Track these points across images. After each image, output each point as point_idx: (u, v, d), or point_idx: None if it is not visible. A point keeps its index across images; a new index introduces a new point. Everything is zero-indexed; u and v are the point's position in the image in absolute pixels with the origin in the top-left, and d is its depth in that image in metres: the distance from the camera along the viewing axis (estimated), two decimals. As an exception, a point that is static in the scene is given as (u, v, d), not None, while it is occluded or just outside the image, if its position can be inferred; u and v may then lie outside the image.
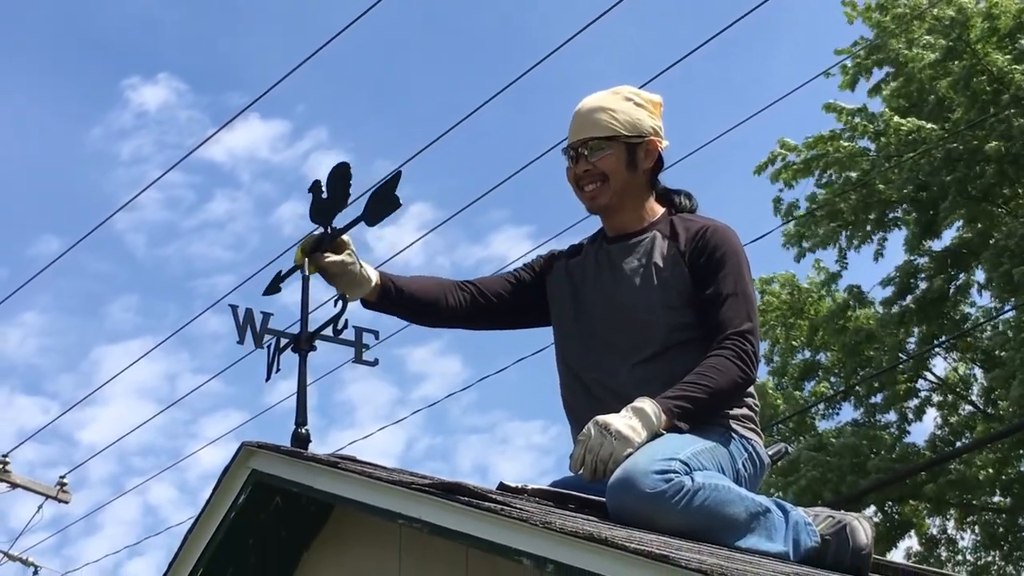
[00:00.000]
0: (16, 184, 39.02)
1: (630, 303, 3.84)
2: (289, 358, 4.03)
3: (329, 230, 3.95)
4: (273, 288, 4.16)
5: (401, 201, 3.89)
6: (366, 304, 4.02)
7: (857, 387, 18.84)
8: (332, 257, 3.90)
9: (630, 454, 3.41)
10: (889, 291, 18.57)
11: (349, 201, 4.00)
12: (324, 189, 4.02)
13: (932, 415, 19.65)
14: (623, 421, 3.49)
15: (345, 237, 3.94)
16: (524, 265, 4.18)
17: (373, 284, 3.96)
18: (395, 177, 3.95)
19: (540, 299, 4.08)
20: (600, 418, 3.52)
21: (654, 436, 3.49)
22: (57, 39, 38.68)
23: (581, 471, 3.50)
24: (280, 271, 4.15)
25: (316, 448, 3.79)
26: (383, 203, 3.92)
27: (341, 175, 4.00)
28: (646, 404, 3.53)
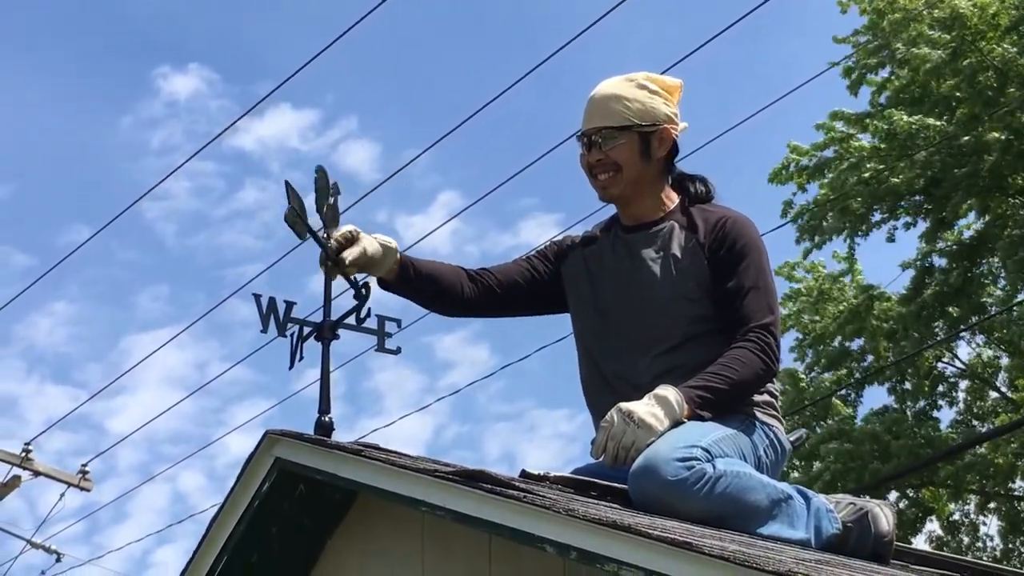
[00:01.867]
0: (47, 174, 39.23)
1: (650, 294, 3.83)
2: (313, 346, 4.05)
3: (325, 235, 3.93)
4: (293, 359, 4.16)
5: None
6: (383, 284, 3.97)
7: (885, 371, 18.79)
8: (353, 252, 3.86)
9: (652, 442, 3.42)
10: (907, 279, 18.56)
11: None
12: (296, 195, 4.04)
13: (959, 400, 19.64)
14: (646, 409, 3.49)
15: (349, 226, 3.91)
16: (537, 253, 4.16)
17: (395, 259, 3.91)
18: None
19: (555, 287, 4.06)
20: (623, 405, 3.52)
21: (676, 424, 3.50)
22: (88, 29, 38.85)
23: (603, 457, 3.51)
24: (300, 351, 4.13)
25: (344, 436, 3.81)
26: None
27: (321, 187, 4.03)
28: (669, 392, 3.53)
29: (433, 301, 4.12)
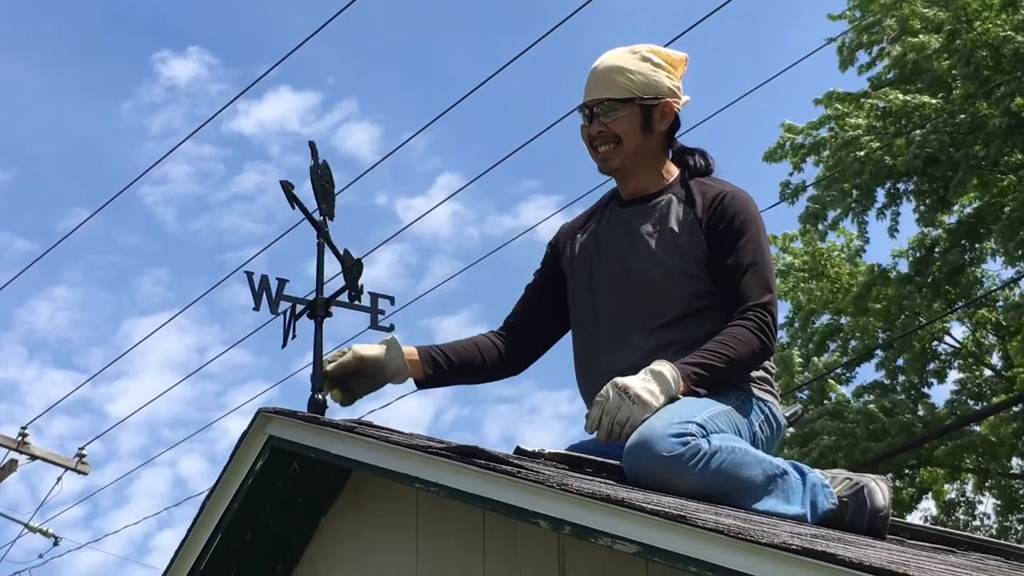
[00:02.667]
0: (48, 159, 39.24)
1: (647, 269, 3.81)
2: (307, 325, 4.03)
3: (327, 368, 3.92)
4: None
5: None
6: (421, 385, 3.97)
7: (878, 351, 18.84)
8: (337, 362, 3.85)
9: (647, 418, 3.40)
10: (904, 262, 18.58)
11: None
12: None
13: (953, 379, 19.69)
14: (641, 384, 3.47)
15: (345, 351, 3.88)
16: (539, 266, 4.16)
17: (415, 363, 3.91)
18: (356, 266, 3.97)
19: (565, 287, 4.06)
20: (618, 380, 3.50)
21: (671, 400, 3.48)
22: (88, 14, 38.83)
23: (597, 432, 3.49)
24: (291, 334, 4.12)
25: (342, 417, 3.80)
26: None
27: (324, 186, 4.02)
28: (664, 368, 3.52)
29: (478, 378, 4.12)
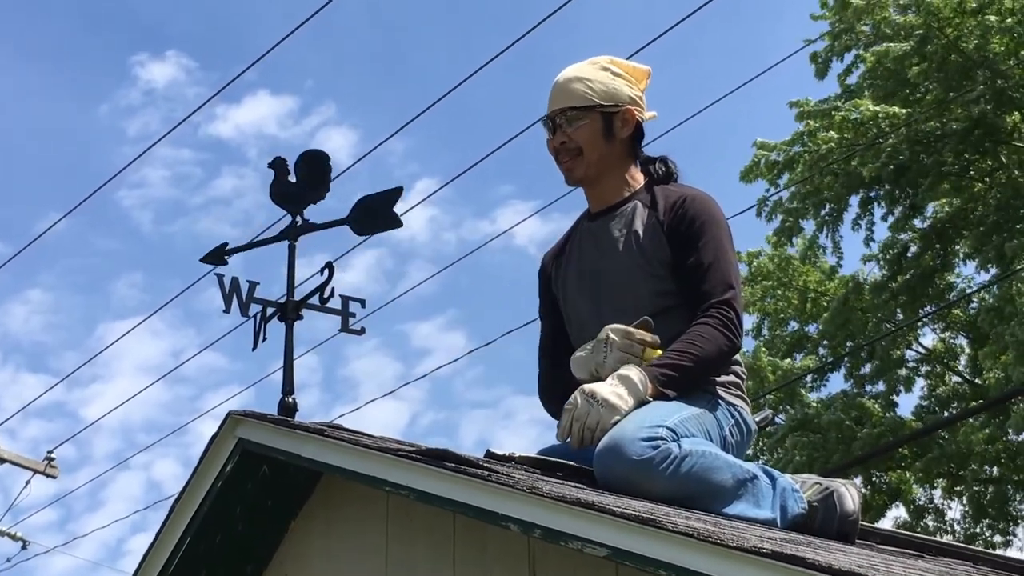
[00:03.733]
0: (23, 161, 39.00)
1: (613, 271, 3.84)
2: (279, 328, 4.03)
3: (299, 220, 3.91)
4: (216, 258, 4.13)
5: (402, 221, 3.87)
6: None
7: (846, 358, 18.90)
8: None
9: (617, 421, 3.40)
10: (874, 266, 18.67)
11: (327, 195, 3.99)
12: (293, 172, 4.00)
13: (920, 385, 19.75)
14: (609, 389, 3.48)
15: None
16: (539, 303, 4.14)
17: None
18: (396, 192, 3.92)
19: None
20: (586, 386, 3.52)
21: (641, 404, 3.48)
22: (66, 15, 38.61)
23: (568, 439, 3.49)
24: (226, 244, 4.10)
25: (312, 420, 3.79)
26: (380, 218, 3.91)
27: (319, 163, 3.99)
28: (632, 372, 3.52)
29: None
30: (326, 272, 4.02)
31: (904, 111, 17.16)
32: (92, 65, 41.00)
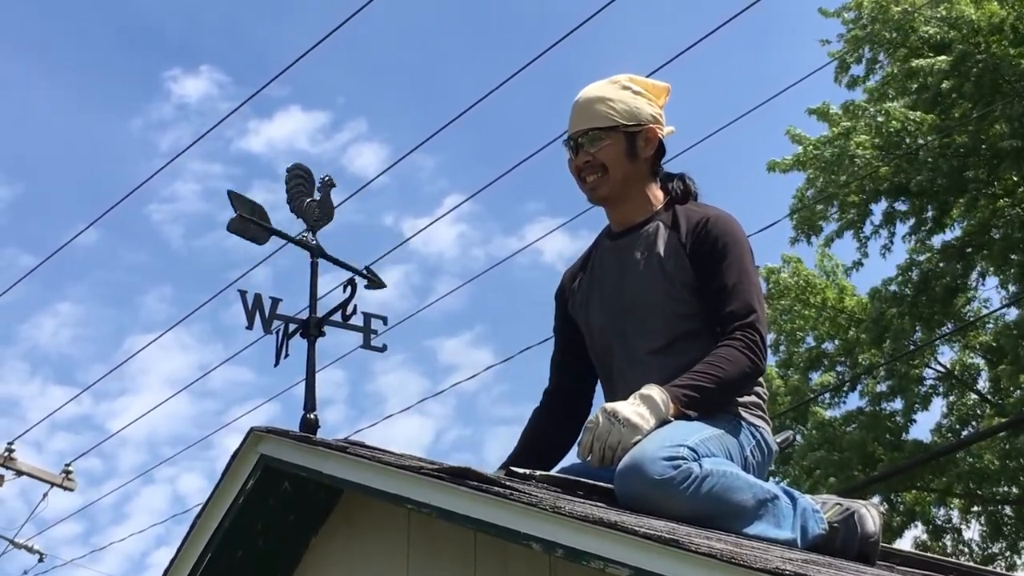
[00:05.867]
0: (55, 175, 39.16)
1: (636, 294, 3.84)
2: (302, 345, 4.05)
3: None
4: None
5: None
6: None
7: (863, 376, 18.83)
8: None
9: (638, 441, 3.41)
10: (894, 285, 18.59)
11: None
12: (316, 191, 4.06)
13: (938, 404, 19.70)
14: (631, 408, 3.48)
15: None
16: (554, 324, 4.15)
17: None
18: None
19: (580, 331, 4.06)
20: (608, 405, 3.52)
21: (662, 423, 3.49)
22: (100, 30, 38.81)
23: (589, 458, 3.50)
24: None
25: (334, 437, 3.80)
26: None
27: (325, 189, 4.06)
28: (654, 392, 3.53)
29: (562, 449, 4.04)
30: (348, 289, 4.03)
31: (933, 118, 17.01)
32: (126, 79, 41.20)
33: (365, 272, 4.07)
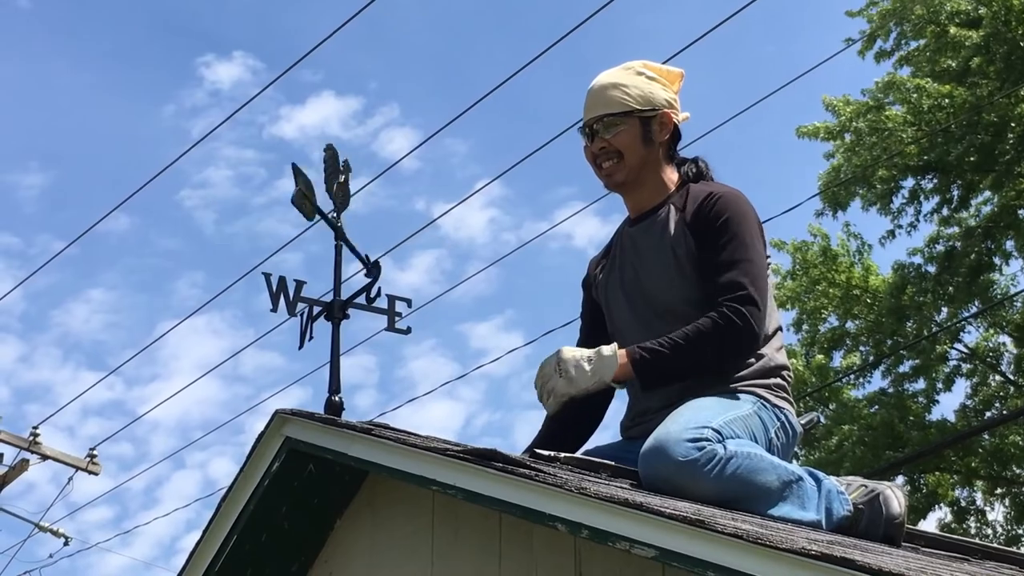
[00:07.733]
0: (88, 161, 39.29)
1: (649, 278, 3.86)
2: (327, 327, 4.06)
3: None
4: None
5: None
6: None
7: (887, 357, 18.76)
8: None
9: (568, 395, 3.61)
10: (919, 259, 18.53)
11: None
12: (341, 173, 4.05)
13: (962, 385, 19.59)
14: (577, 361, 3.64)
15: None
16: (581, 311, 4.18)
17: None
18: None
19: None
20: (563, 350, 3.69)
21: (601, 383, 3.63)
22: (133, 17, 38.87)
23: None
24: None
25: (358, 419, 3.81)
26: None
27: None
28: (606, 349, 3.66)
29: (587, 432, 4.05)
30: (373, 271, 4.03)
31: (964, 91, 16.90)
32: (158, 66, 41.21)
33: (366, 259, 4.07)
